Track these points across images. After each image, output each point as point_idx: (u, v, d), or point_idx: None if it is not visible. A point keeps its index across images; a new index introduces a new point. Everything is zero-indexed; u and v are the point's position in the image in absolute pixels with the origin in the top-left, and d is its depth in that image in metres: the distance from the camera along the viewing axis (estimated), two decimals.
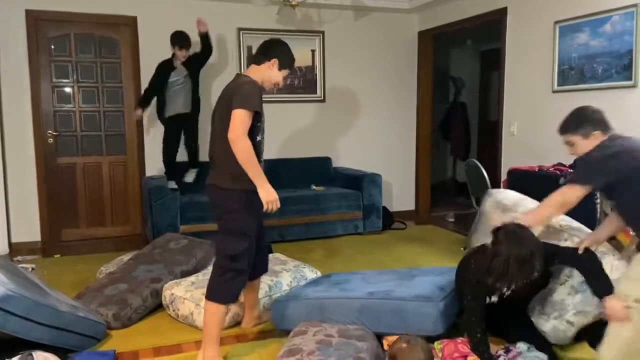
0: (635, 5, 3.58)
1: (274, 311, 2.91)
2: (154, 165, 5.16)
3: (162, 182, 4.74)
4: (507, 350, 2.45)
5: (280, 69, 2.67)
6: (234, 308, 3.00)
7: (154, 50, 5.04)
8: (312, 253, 4.61)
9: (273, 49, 2.65)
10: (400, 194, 6.17)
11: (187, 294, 3.11)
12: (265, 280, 3.18)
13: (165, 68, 4.71)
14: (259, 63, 2.64)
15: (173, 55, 4.73)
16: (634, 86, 3.68)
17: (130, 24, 5.02)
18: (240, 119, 2.38)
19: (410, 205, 6.28)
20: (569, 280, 2.65)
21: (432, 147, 6.58)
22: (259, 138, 2.55)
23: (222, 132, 2.44)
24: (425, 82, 6.14)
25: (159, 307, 3.30)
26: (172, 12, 5.10)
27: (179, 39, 4.67)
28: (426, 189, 6.31)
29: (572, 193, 2.40)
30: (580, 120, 2.43)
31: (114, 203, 5.20)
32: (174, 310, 3.15)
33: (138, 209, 5.23)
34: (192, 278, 3.33)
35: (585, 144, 2.40)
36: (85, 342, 2.75)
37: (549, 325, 2.64)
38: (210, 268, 2.92)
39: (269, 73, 2.64)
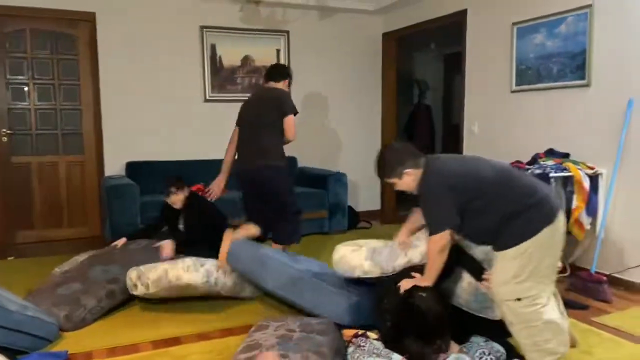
0: (589, 6, 3.70)
1: (233, 247, 3.26)
2: (113, 165, 5.04)
3: (121, 181, 4.62)
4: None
5: (289, 85, 3.85)
6: None
7: (112, 47, 4.94)
8: None
9: (286, 71, 3.87)
10: (366, 194, 6.19)
11: (157, 264, 3.15)
12: None
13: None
14: (277, 81, 3.76)
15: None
16: (587, 85, 3.79)
17: (89, 20, 4.89)
18: (294, 122, 3.59)
19: (376, 205, 6.31)
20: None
21: None
22: None
23: (272, 126, 3.55)
24: (390, 83, 6.19)
25: (115, 308, 3.21)
26: (132, 9, 5.00)
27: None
28: (392, 189, 6.34)
29: (441, 242, 2.29)
30: (389, 164, 2.44)
31: (71, 204, 5.04)
32: (142, 284, 3.04)
33: (96, 210, 5.09)
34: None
35: (404, 182, 2.42)
36: (36, 343, 2.65)
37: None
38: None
39: (284, 88, 3.77)
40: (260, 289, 3.34)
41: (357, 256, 2.79)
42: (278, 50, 5.60)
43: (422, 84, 8.35)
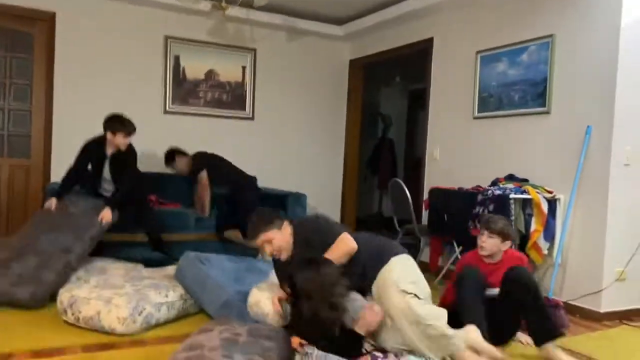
0: (550, 36, 3.80)
1: (181, 262, 3.22)
2: (61, 171, 4.73)
3: None
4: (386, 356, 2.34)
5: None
6: None
7: (71, 49, 4.77)
8: None
9: None
10: None
11: (93, 294, 2.82)
12: None
13: None
14: None
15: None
16: (547, 112, 3.85)
17: (47, 19, 4.71)
18: None
19: None
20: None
21: (360, 180, 6.60)
22: None
23: None
24: (355, 111, 6.20)
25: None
26: (96, 11, 4.86)
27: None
28: (352, 217, 6.26)
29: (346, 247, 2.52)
30: (268, 220, 2.57)
31: (12, 210, 4.71)
32: (72, 314, 2.81)
33: None
34: (94, 282, 3.05)
35: (283, 235, 2.56)
36: None
37: None
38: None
39: None
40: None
41: (269, 304, 2.61)
42: (244, 68, 5.54)
43: (387, 118, 8.44)
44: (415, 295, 2.40)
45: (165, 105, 5.18)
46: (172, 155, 4.76)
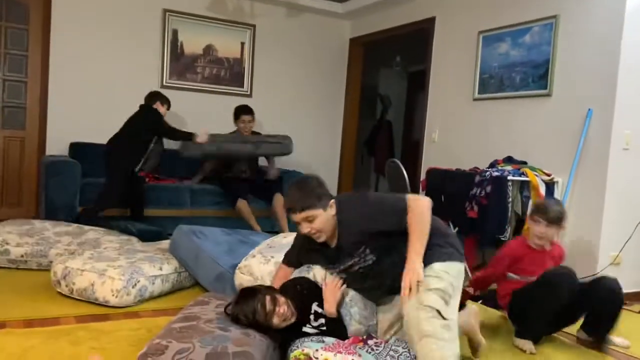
0: (554, 17, 3.75)
1: (175, 236, 3.19)
2: (56, 144, 4.72)
3: (61, 158, 4.31)
4: (370, 338, 2.28)
5: None
6: None
7: (68, 19, 4.69)
8: None
9: None
10: None
11: (86, 266, 2.80)
12: None
13: None
14: None
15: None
16: (548, 95, 3.82)
17: None
18: None
19: None
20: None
21: (356, 162, 6.57)
22: None
23: None
24: (354, 91, 6.15)
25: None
26: None
27: None
28: None
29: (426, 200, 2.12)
30: (318, 195, 2.08)
31: (7, 182, 4.68)
32: (66, 286, 2.79)
33: (33, 190, 4.73)
34: (87, 254, 3.03)
35: (327, 215, 2.07)
36: None
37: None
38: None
39: None
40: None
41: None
42: (243, 44, 5.47)
43: (386, 99, 8.38)
44: (439, 313, 1.88)
45: (162, 80, 5.11)
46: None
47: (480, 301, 3.33)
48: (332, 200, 2.10)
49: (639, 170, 3.57)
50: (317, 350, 2.02)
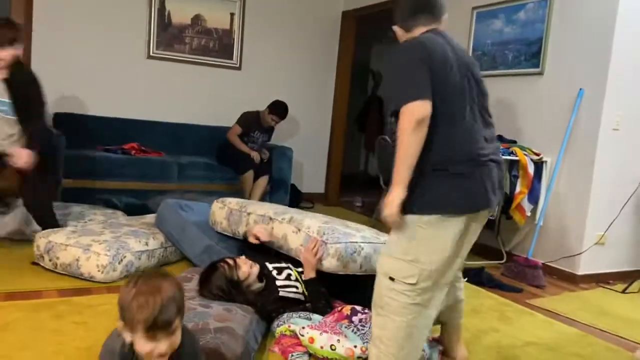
0: None
1: (160, 210, 3.18)
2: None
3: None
4: (365, 312, 2.23)
5: None
6: None
7: None
8: None
9: None
10: (310, 175, 6.02)
11: (70, 241, 2.76)
12: None
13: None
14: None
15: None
16: (540, 74, 3.78)
17: None
18: None
19: (320, 189, 6.16)
20: None
21: (347, 137, 6.52)
22: None
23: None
24: (345, 67, 6.05)
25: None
26: None
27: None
28: (337, 174, 6.22)
29: (420, 110, 1.56)
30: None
31: None
32: (50, 260, 2.76)
33: None
34: (71, 227, 3.00)
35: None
36: None
37: None
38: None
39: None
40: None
41: (220, 213, 3.04)
42: (232, 15, 5.34)
43: (377, 75, 8.30)
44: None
45: (149, 50, 4.99)
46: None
47: (466, 279, 3.35)
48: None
49: (627, 152, 3.57)
50: (303, 327, 2.03)
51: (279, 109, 4.84)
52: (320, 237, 2.38)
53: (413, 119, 1.56)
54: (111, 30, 4.80)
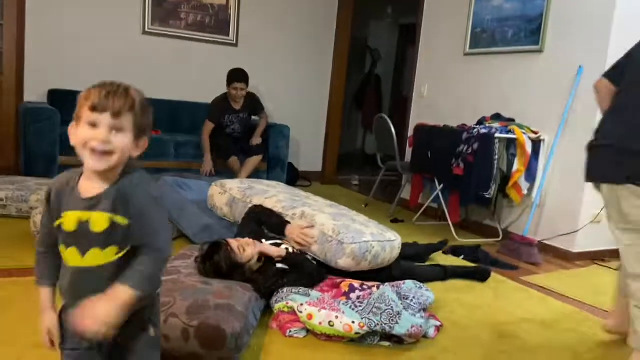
0: None
1: (159, 184, 3.19)
2: (35, 91, 4.56)
3: (40, 105, 4.18)
4: (363, 288, 2.29)
5: None
6: None
7: None
8: None
9: None
10: (307, 154, 6.00)
11: None
12: None
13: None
14: None
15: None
16: (540, 51, 3.75)
17: None
18: None
19: (317, 167, 6.15)
20: None
21: (344, 115, 6.48)
22: None
23: None
24: (343, 44, 5.98)
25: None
26: None
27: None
28: (334, 153, 6.20)
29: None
30: None
31: None
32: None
33: (12, 139, 4.61)
34: None
35: None
36: None
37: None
38: None
39: None
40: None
41: (220, 199, 3.05)
42: None
43: (376, 53, 8.22)
44: None
45: (144, 26, 4.92)
46: None
47: (462, 257, 3.38)
48: None
49: None
50: (301, 304, 2.04)
51: (233, 75, 4.61)
52: (336, 236, 2.41)
53: None
54: (106, 6, 4.73)
